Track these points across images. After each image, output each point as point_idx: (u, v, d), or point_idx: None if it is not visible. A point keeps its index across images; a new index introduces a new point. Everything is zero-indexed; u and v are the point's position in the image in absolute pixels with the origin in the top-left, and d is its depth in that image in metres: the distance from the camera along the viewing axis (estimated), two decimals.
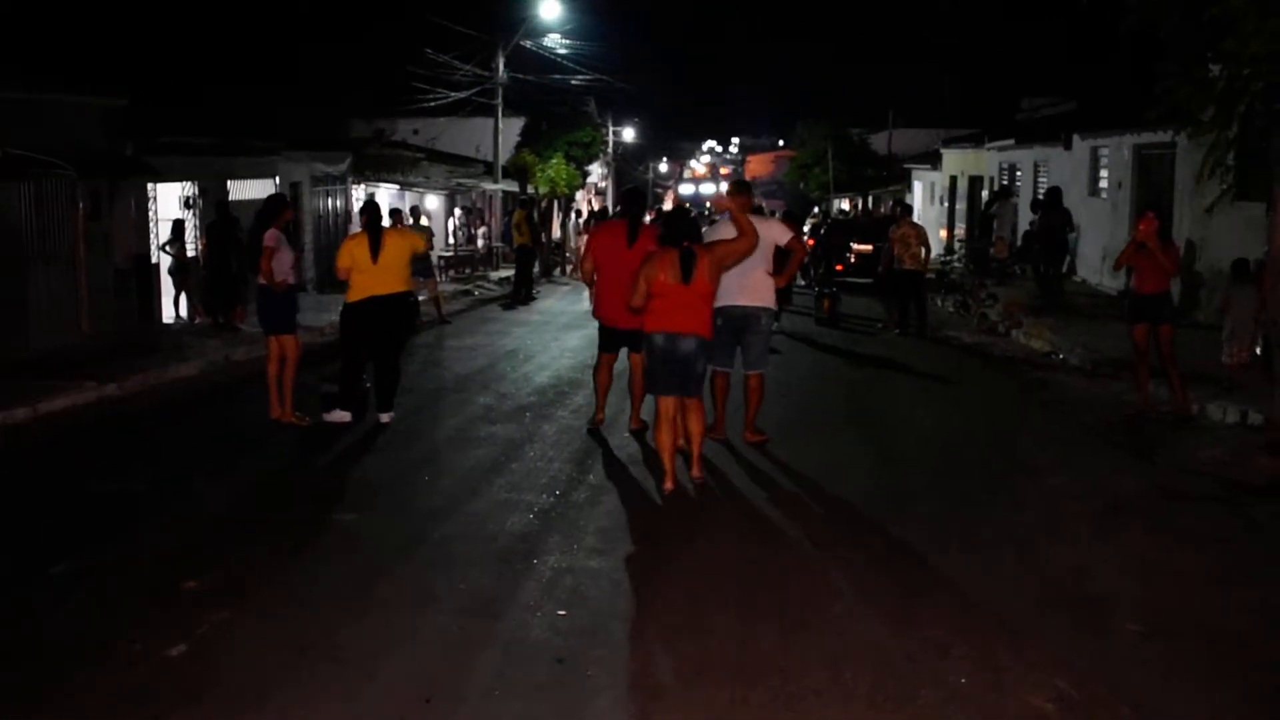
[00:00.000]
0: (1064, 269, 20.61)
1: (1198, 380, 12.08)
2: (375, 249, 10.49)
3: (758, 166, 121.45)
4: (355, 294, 10.59)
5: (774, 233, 9.96)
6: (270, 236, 10.73)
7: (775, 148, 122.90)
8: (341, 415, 10.71)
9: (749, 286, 9.70)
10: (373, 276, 10.51)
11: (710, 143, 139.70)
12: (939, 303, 22.22)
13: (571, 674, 5.25)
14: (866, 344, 17.47)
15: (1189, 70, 14.14)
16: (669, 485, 8.37)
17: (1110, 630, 5.91)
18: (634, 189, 10.14)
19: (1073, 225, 19.98)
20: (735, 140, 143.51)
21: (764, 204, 55.30)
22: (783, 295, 13.94)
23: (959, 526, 7.72)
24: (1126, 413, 11.78)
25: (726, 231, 9.08)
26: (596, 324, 10.46)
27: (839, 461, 9.56)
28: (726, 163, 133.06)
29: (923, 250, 18.53)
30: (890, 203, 26.01)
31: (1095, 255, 22.94)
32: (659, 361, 8.40)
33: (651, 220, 10.25)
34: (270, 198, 11.30)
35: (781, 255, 10.09)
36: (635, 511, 7.95)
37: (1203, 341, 14.52)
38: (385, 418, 10.76)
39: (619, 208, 10.35)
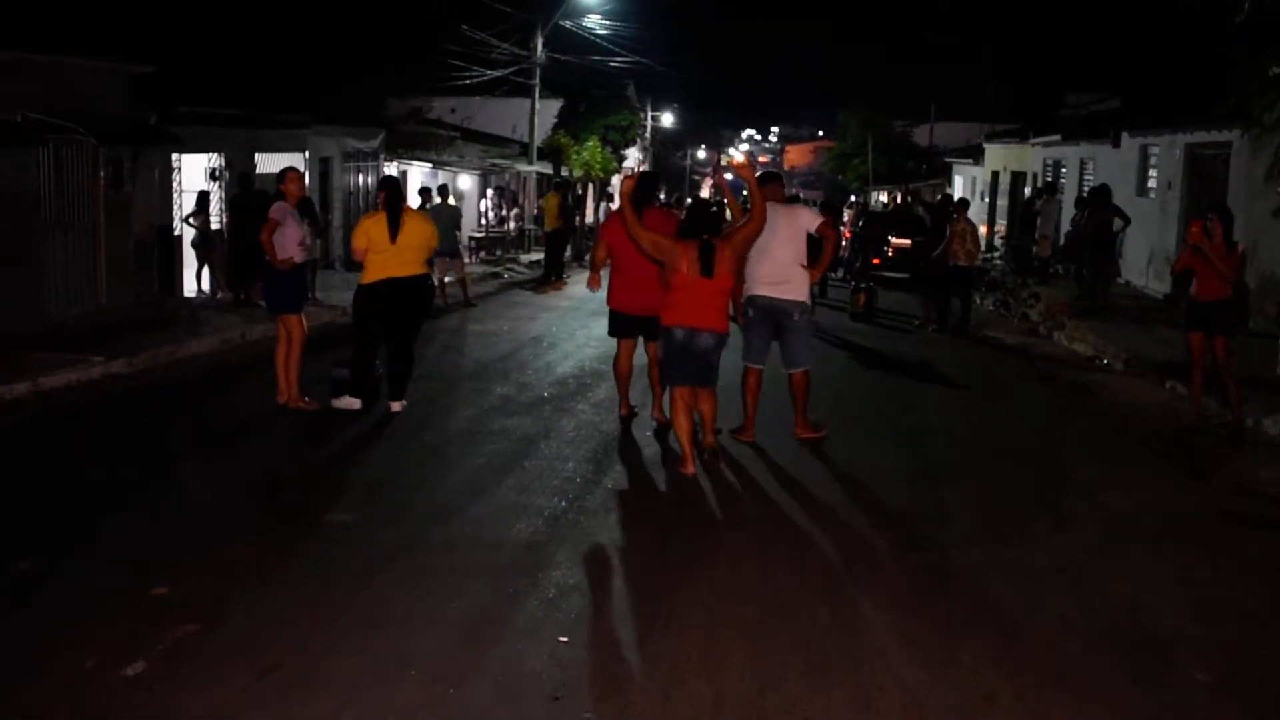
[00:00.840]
0: (1113, 270, 19.90)
1: (1250, 391, 11.42)
2: (394, 229, 9.99)
3: (796, 156, 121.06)
4: (370, 275, 10.10)
5: (804, 220, 9.63)
6: (275, 209, 10.25)
7: (815, 138, 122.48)
8: (351, 402, 10.23)
9: (779, 277, 9.41)
10: (390, 258, 10.01)
11: (749, 131, 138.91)
12: (979, 301, 21.59)
13: (567, 714, 4.69)
14: (903, 342, 16.87)
15: (1255, 67, 13.56)
16: (690, 469, 8.38)
17: (1174, 679, 5.30)
18: (645, 173, 9.67)
19: (1126, 217, 19.24)
20: (775, 129, 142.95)
21: (801, 194, 54.66)
22: (817, 289, 13.35)
23: (1003, 549, 7.11)
24: (1177, 424, 11.15)
25: (771, 214, 8.99)
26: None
27: (873, 471, 8.97)
28: (765, 151, 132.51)
29: (975, 247, 17.93)
30: (939, 196, 25.29)
31: (1141, 257, 22.23)
32: (676, 354, 8.37)
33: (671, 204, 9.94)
34: (281, 170, 10.77)
35: (814, 245, 9.72)
36: (652, 522, 7.40)
37: (1256, 350, 13.84)
38: (397, 406, 10.26)
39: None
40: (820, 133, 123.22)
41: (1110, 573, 6.79)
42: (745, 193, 9.94)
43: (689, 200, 9.27)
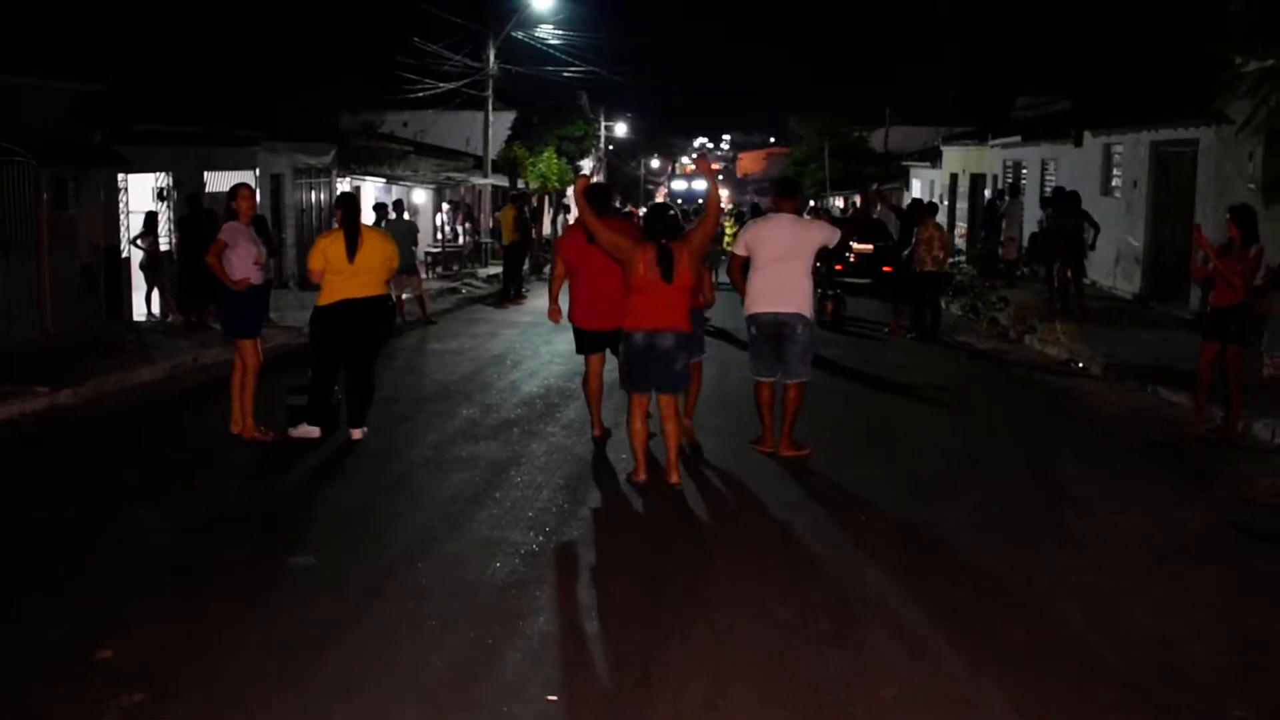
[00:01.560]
0: (1083, 274, 19.62)
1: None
2: (352, 248, 9.47)
3: (749, 164, 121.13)
4: (327, 296, 9.58)
5: (817, 235, 9.33)
6: (226, 230, 9.72)
7: (766, 145, 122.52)
8: (309, 431, 9.71)
9: (784, 291, 9.13)
10: (347, 278, 9.50)
11: (701, 139, 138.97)
12: (946, 306, 21.25)
13: None
14: (876, 350, 16.49)
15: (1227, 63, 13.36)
16: (641, 476, 8.36)
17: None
18: (596, 184, 9.46)
19: (1095, 225, 18.98)
20: (726, 137, 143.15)
21: (757, 200, 54.48)
22: None
23: (1011, 575, 6.69)
24: (1169, 430, 10.85)
25: (781, 227, 9.19)
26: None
27: (864, 488, 8.56)
28: (717, 159, 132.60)
29: (942, 253, 17.59)
30: (910, 200, 24.97)
31: (1108, 257, 21.98)
32: (636, 359, 8.28)
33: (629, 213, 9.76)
34: (232, 188, 10.22)
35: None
36: (637, 556, 6.91)
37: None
38: (357, 434, 9.75)
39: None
40: (772, 139, 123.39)
41: (1127, 597, 6.38)
42: (700, 202, 9.74)
43: (642, 208, 9.06)
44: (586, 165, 51.08)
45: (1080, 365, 14.79)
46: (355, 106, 33.92)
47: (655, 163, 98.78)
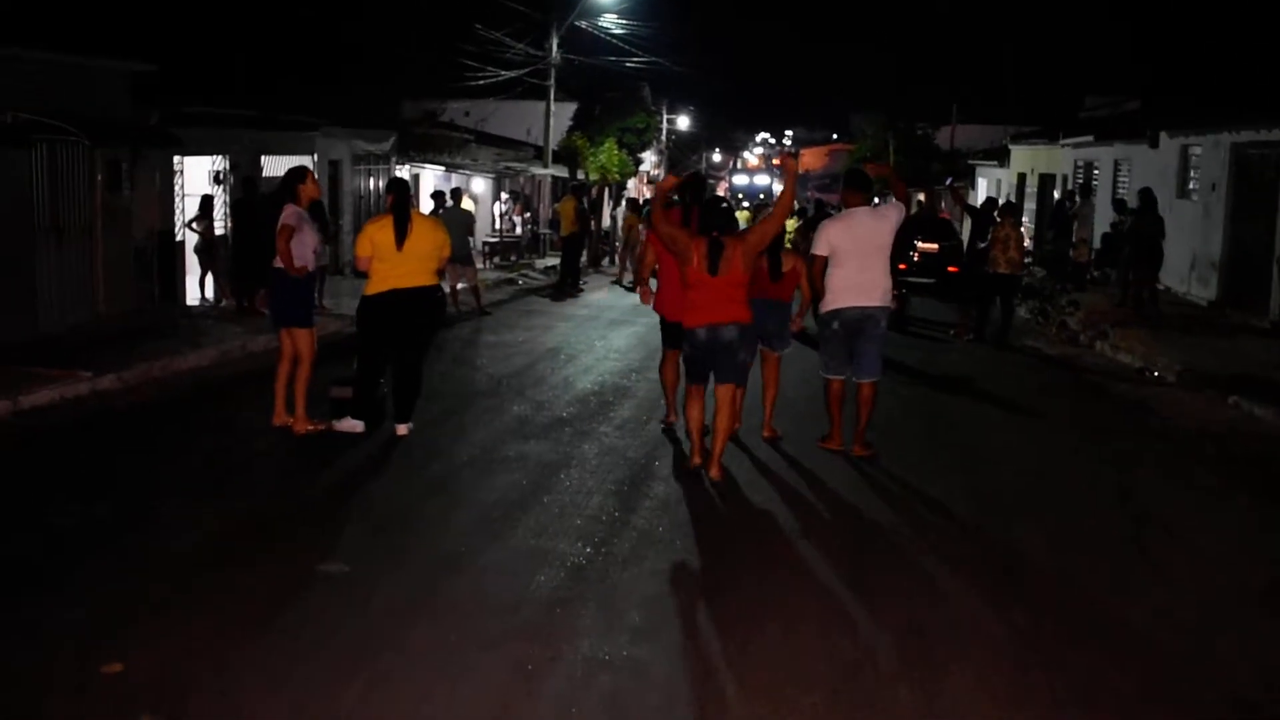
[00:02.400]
0: (1157, 279, 18.97)
1: None
2: (401, 235, 9.09)
3: (811, 160, 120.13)
4: (375, 285, 9.21)
5: (894, 219, 9.22)
6: (290, 214, 9.32)
7: (829, 141, 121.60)
8: (353, 425, 9.36)
9: (869, 285, 9.07)
10: (396, 266, 9.12)
11: (763, 134, 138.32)
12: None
13: None
14: (941, 352, 15.95)
15: None
16: (696, 461, 8.52)
17: None
18: (695, 174, 9.54)
19: (1163, 233, 18.39)
20: (789, 133, 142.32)
21: (818, 197, 53.77)
22: None
23: (1098, 607, 6.19)
24: (1252, 446, 10.32)
25: (859, 222, 9.09)
26: (646, 320, 9.58)
27: (936, 503, 8.09)
28: (778, 154, 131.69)
29: (1018, 254, 16.99)
30: (984, 199, 24.33)
31: (1183, 262, 21.25)
32: (701, 353, 8.34)
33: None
34: (290, 170, 9.80)
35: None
36: (691, 573, 6.48)
37: None
38: (402, 429, 9.38)
39: (676, 196, 9.35)
40: (834, 136, 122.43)
41: (1235, 639, 5.86)
42: (761, 196, 9.61)
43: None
44: (648, 158, 50.70)
45: (1155, 373, 14.21)
46: (416, 94, 33.70)
47: (717, 157, 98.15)
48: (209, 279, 18.04)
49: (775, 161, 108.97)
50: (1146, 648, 5.67)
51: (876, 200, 11.48)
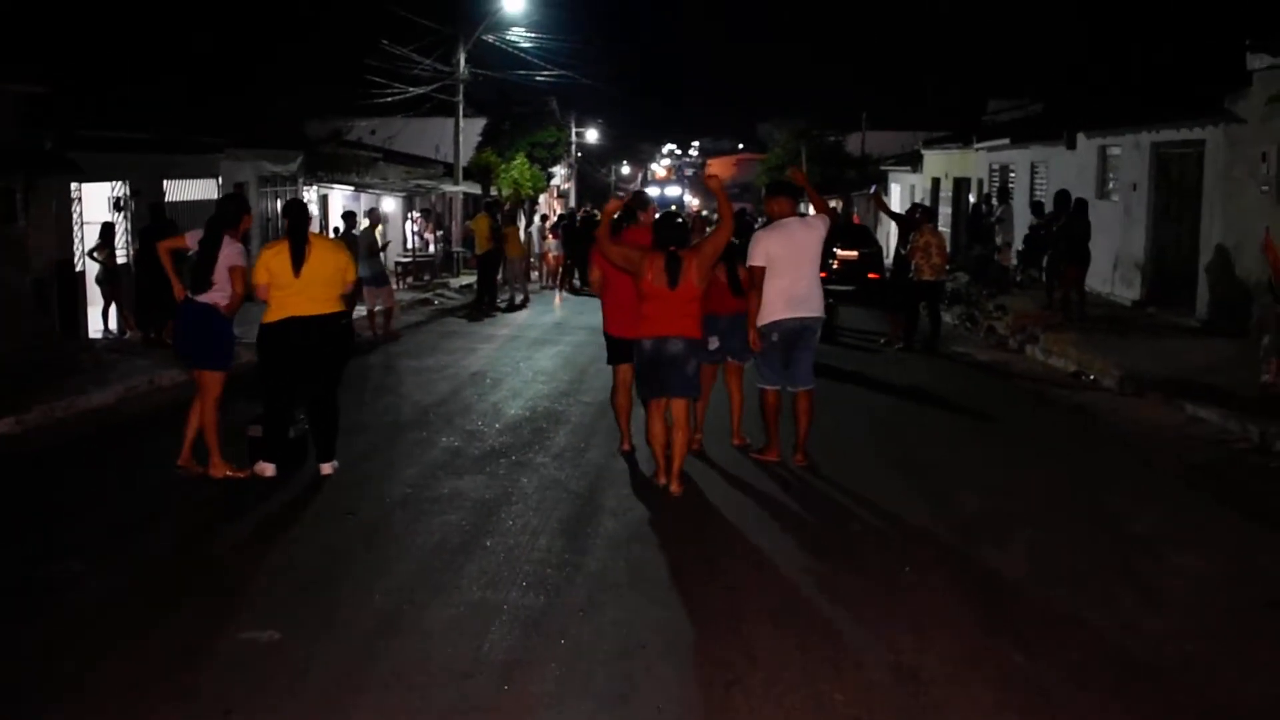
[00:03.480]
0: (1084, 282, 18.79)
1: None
2: (298, 260, 8.43)
3: (719, 169, 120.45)
4: (272, 313, 8.53)
5: (822, 229, 9.29)
6: (237, 253, 8.64)
7: (735, 151, 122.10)
8: (263, 468, 8.66)
9: (806, 296, 9.13)
10: (294, 294, 8.45)
11: (670, 145, 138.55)
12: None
13: None
14: (872, 362, 15.58)
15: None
16: (662, 479, 8.46)
17: None
18: (639, 193, 9.74)
19: (1089, 235, 18.26)
20: (695, 143, 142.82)
21: (744, 207, 53.77)
22: None
23: (1094, 640, 5.74)
24: (1208, 452, 10.04)
25: (793, 232, 9.13)
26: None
27: (901, 528, 7.63)
28: (687, 165, 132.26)
29: (941, 260, 16.72)
30: (909, 205, 24.08)
31: (1106, 262, 21.08)
32: (648, 365, 8.36)
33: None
34: (228, 199, 9.08)
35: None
36: (657, 623, 5.88)
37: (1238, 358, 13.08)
38: (326, 469, 8.73)
39: (619, 217, 9.59)
40: (740, 145, 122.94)
41: (1237, 669, 5.45)
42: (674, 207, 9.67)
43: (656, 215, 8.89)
44: (559, 172, 50.27)
45: (1091, 377, 13.96)
46: (322, 113, 32.89)
47: (626, 169, 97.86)
48: (112, 310, 17.23)
49: (659, 175, 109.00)
50: (1154, 685, 5.24)
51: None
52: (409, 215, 31.93)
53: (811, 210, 9.68)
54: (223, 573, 6.63)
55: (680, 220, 8.76)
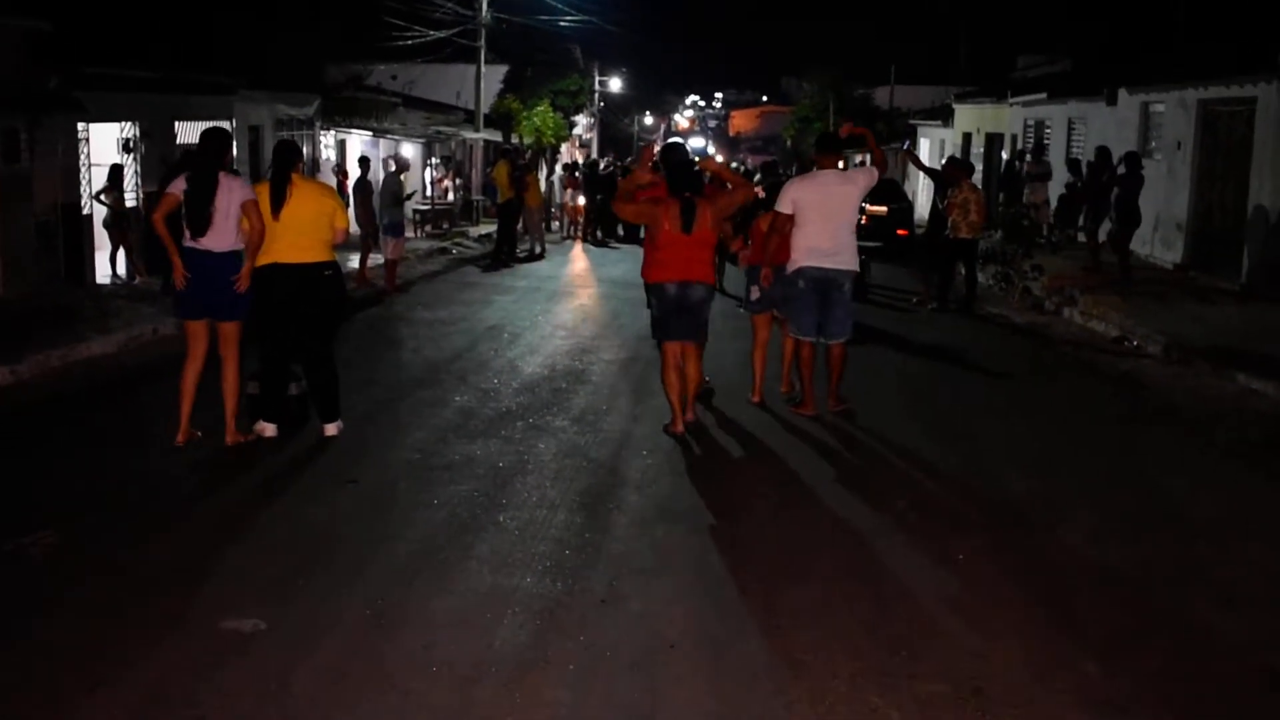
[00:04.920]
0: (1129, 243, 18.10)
1: None
2: (277, 201, 7.83)
3: (742, 121, 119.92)
4: (258, 259, 7.92)
5: (863, 183, 9.31)
6: (240, 185, 7.88)
7: (759, 103, 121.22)
8: (263, 427, 8.10)
9: (832, 248, 9.07)
10: (274, 238, 7.84)
11: (693, 97, 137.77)
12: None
13: None
14: (908, 323, 14.96)
15: None
16: (679, 428, 8.51)
17: None
18: (674, 143, 9.43)
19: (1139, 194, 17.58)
20: (719, 95, 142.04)
21: (750, 159, 52.85)
22: None
23: (1171, 645, 5.15)
24: (1267, 429, 9.44)
25: (826, 184, 9.16)
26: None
27: (949, 511, 7.00)
28: (710, 117, 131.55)
29: (979, 217, 16.03)
30: (944, 159, 23.36)
31: (1146, 224, 20.33)
32: (670, 309, 8.50)
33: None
34: (211, 132, 8.17)
35: None
36: (681, 619, 5.28)
37: None
38: (330, 429, 8.17)
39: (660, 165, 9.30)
40: (765, 98, 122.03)
41: None
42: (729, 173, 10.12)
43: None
44: (581, 121, 49.54)
45: (1135, 343, 13.33)
46: (340, 57, 32.21)
47: (649, 120, 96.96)
48: (120, 255, 16.67)
49: (682, 126, 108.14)
50: (1239, 703, 4.66)
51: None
52: (429, 162, 31.29)
53: (869, 161, 9.77)
54: (208, 549, 6.01)
55: (696, 168, 8.83)
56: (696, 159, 9.79)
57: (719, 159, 10.01)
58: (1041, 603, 5.58)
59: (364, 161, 18.71)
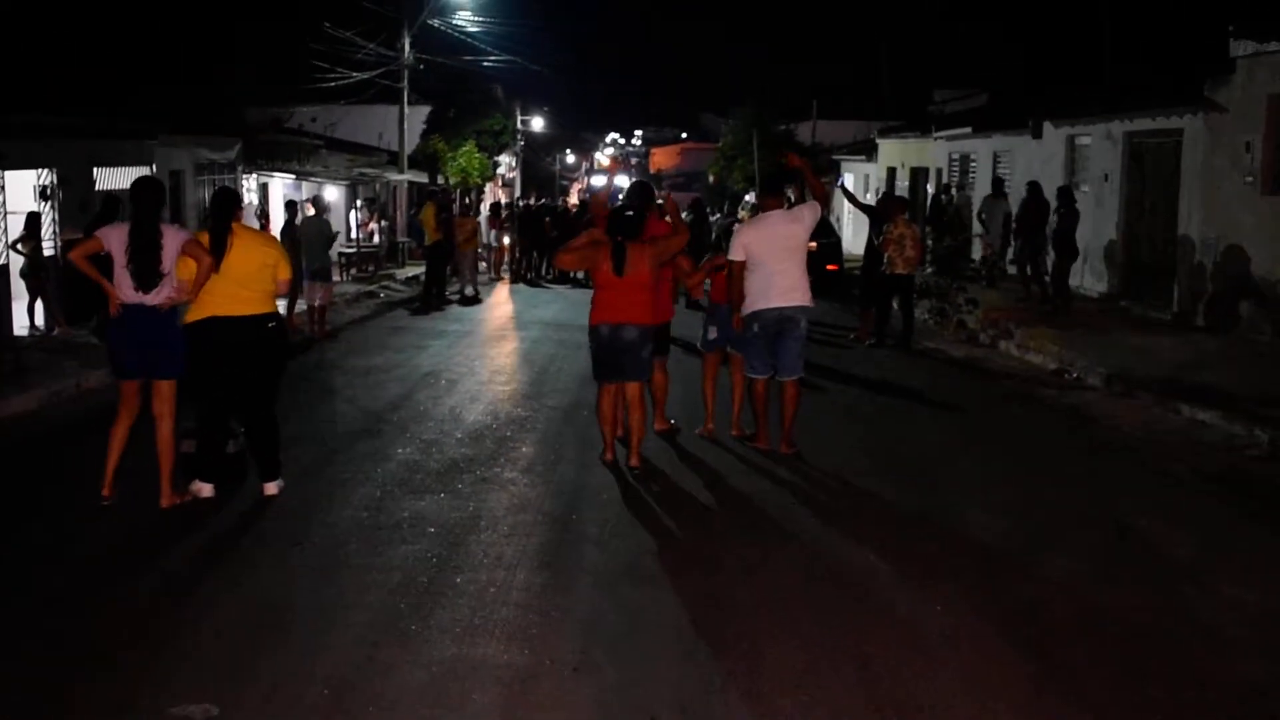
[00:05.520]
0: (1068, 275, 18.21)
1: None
2: (218, 252, 7.47)
3: (663, 159, 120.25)
4: (193, 313, 7.57)
5: (809, 220, 9.40)
6: (179, 230, 7.57)
7: (678, 140, 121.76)
8: (200, 488, 7.71)
9: (788, 287, 9.23)
10: (215, 291, 7.50)
11: (613, 135, 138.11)
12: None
13: None
14: (846, 359, 14.82)
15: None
16: (610, 456, 8.93)
17: None
18: (640, 182, 10.09)
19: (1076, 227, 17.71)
20: (638, 133, 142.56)
21: (671, 195, 53.24)
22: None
23: (1168, 697, 4.96)
24: (1221, 460, 9.41)
25: (776, 225, 9.29)
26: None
27: (913, 555, 6.79)
28: (631, 155, 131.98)
29: (915, 252, 15.96)
30: (879, 194, 23.36)
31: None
32: (604, 350, 8.76)
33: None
34: (145, 182, 7.77)
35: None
36: (660, 688, 4.97)
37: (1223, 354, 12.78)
38: (271, 489, 7.80)
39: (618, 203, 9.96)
40: (684, 135, 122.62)
41: None
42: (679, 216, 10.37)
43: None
44: (504, 160, 49.32)
45: (1075, 375, 13.30)
46: (262, 100, 31.78)
47: (570, 158, 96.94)
48: (39, 306, 16.13)
49: (604, 164, 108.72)
50: None
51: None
52: (354, 205, 30.88)
53: (808, 195, 9.95)
54: (152, 623, 5.63)
55: (630, 214, 8.87)
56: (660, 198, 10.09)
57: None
58: (1030, 656, 5.37)
59: (290, 206, 18.29)
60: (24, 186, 16.81)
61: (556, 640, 5.43)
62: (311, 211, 17.56)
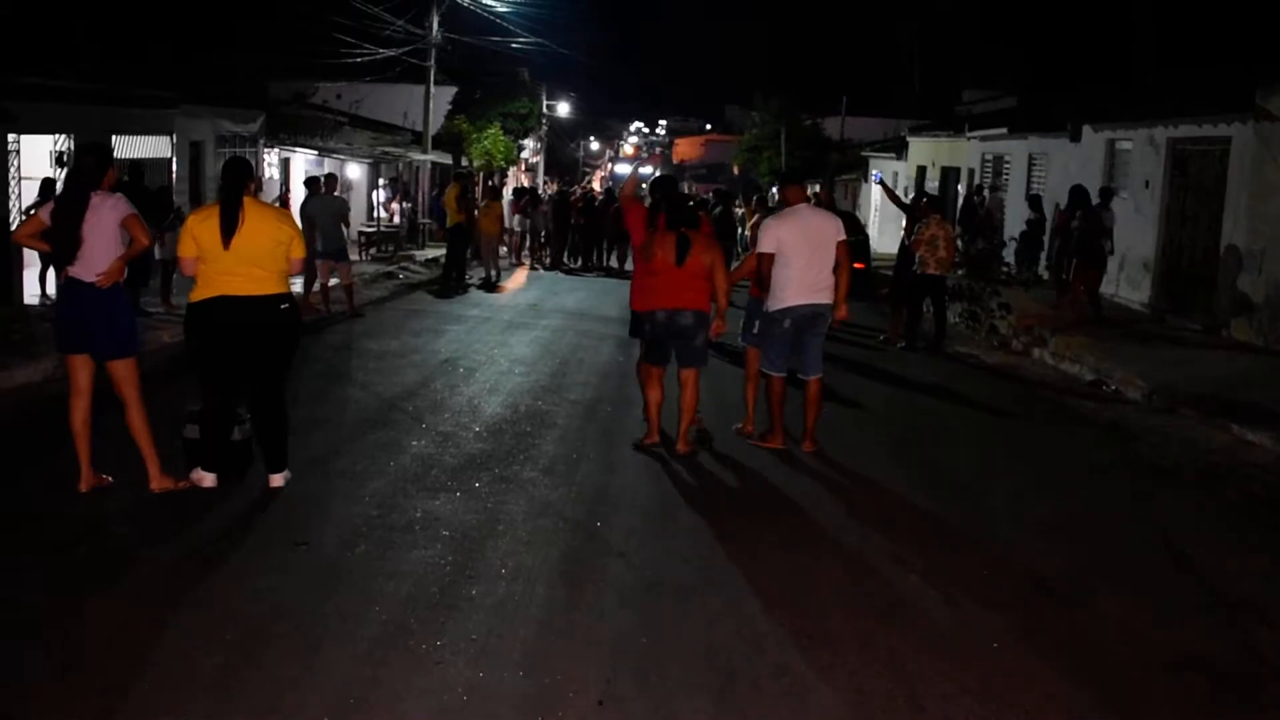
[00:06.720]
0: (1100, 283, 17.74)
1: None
2: (228, 229, 7.02)
3: (686, 149, 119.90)
4: (199, 292, 7.14)
5: (835, 226, 9.30)
6: (118, 201, 7.05)
7: (702, 131, 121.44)
8: (202, 477, 7.30)
9: (818, 282, 9.11)
10: (224, 270, 7.05)
11: (637, 124, 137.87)
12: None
13: None
14: (877, 361, 14.38)
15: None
16: (655, 439, 9.06)
17: None
18: (666, 176, 10.09)
19: (1110, 232, 17.24)
20: (663, 122, 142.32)
21: (694, 187, 52.59)
22: None
23: None
24: (1273, 484, 8.94)
25: (804, 218, 9.18)
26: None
27: (955, 581, 6.33)
28: (655, 144, 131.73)
29: (948, 253, 15.51)
30: (914, 195, 22.90)
31: (1112, 264, 19.91)
32: (659, 335, 8.91)
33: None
34: (85, 149, 7.49)
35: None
36: (685, 709, 4.58)
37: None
38: (276, 480, 7.37)
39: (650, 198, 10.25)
40: (708, 126, 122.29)
41: None
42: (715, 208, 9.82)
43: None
44: (529, 145, 48.94)
45: (1113, 388, 12.83)
46: (286, 74, 31.41)
47: (595, 145, 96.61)
48: (50, 274, 15.80)
49: (629, 153, 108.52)
50: None
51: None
52: (377, 184, 30.52)
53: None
54: (140, 627, 5.19)
55: (692, 203, 9.08)
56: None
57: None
58: (1097, 701, 4.91)
59: (311, 182, 17.89)
60: (40, 152, 16.51)
61: (580, 665, 4.98)
62: (332, 187, 17.19)
